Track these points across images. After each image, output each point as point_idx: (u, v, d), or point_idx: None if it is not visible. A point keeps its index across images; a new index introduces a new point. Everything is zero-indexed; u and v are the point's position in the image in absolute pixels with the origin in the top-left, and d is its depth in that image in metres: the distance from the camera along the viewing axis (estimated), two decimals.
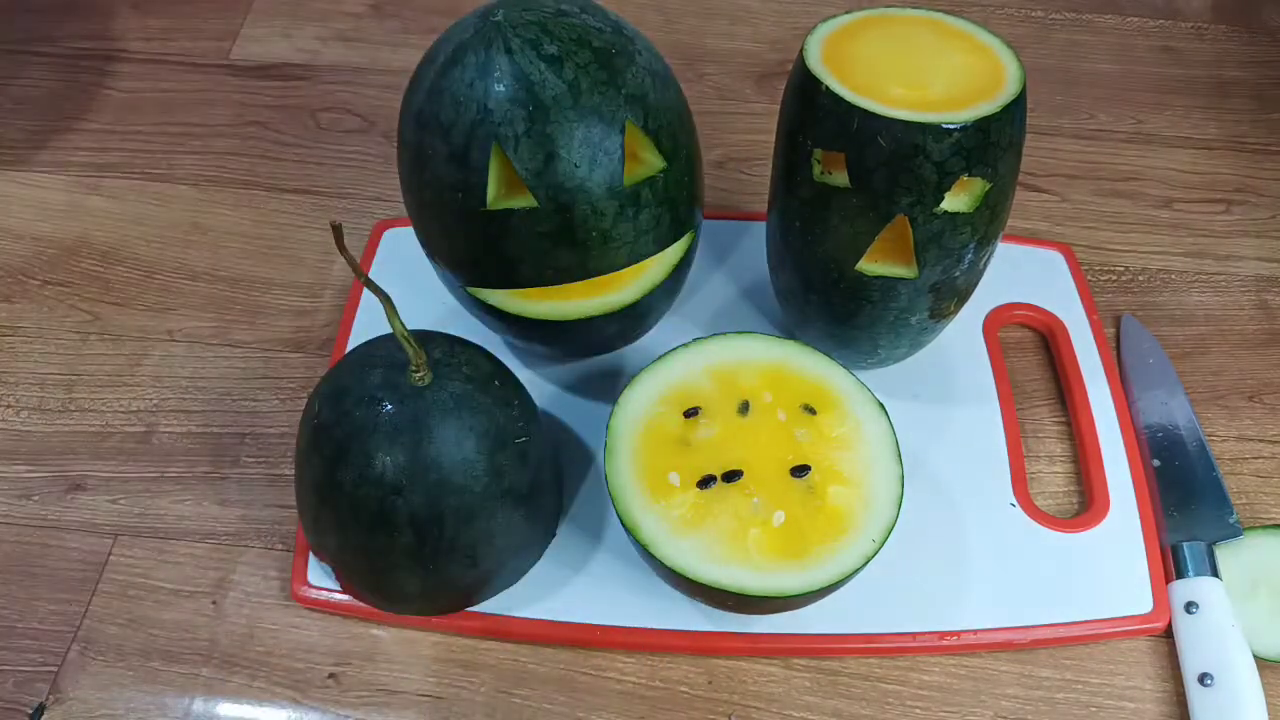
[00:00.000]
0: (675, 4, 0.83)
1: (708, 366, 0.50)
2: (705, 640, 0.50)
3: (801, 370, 0.50)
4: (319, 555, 0.50)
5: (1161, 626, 0.51)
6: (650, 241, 0.49)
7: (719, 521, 0.45)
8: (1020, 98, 0.45)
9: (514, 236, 0.47)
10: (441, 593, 0.48)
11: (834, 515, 0.46)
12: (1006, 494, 0.54)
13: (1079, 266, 0.64)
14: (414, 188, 0.49)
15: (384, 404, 0.44)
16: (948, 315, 0.53)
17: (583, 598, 0.51)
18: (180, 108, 0.75)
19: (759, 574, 0.44)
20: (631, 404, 0.49)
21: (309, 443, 0.46)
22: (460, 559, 0.46)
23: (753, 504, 0.46)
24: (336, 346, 0.60)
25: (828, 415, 0.49)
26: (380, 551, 0.46)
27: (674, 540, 0.45)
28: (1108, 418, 0.57)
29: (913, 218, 0.46)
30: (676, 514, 0.46)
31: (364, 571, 0.48)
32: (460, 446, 0.44)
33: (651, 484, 0.46)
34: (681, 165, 0.50)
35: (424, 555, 0.45)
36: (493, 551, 0.47)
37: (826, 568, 0.44)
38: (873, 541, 0.45)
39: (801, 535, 0.45)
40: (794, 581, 0.44)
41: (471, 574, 0.48)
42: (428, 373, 0.44)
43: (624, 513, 0.46)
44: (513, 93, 0.45)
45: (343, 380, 0.46)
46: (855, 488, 0.46)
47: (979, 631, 0.50)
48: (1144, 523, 0.53)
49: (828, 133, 0.46)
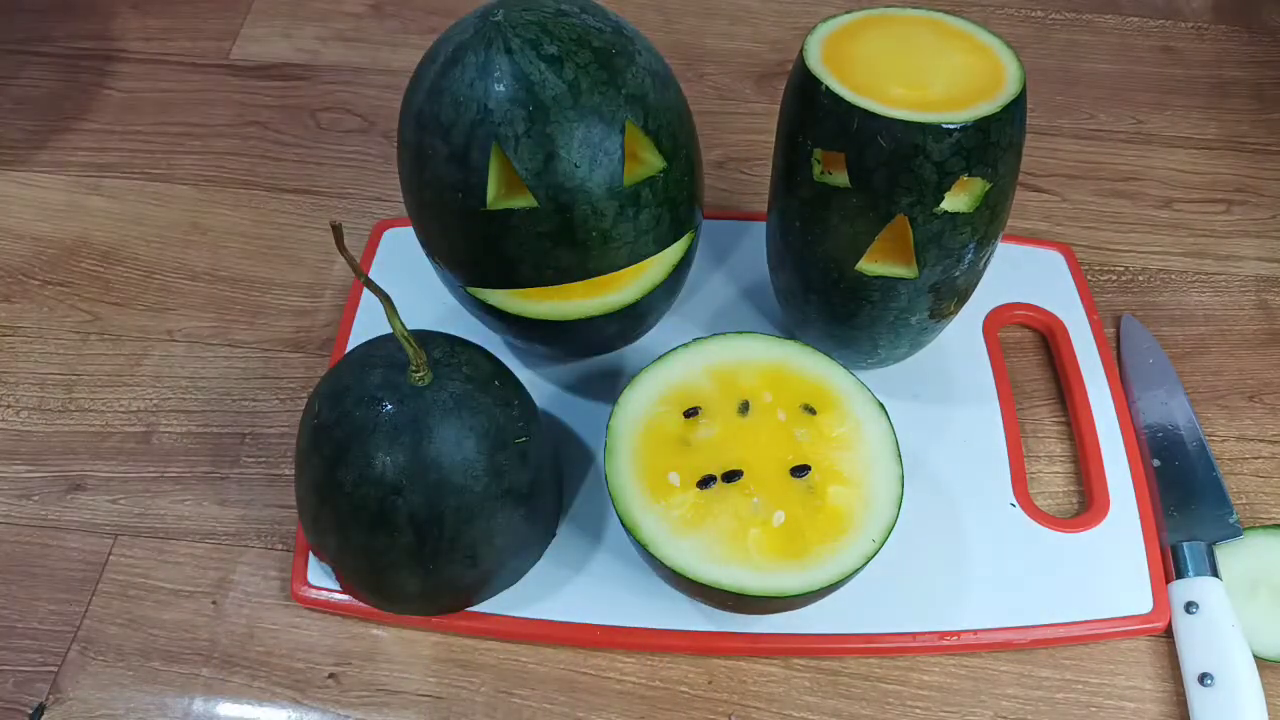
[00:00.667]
0: (675, 4, 0.83)
1: (707, 366, 0.50)
2: (705, 640, 0.50)
3: (801, 370, 0.50)
4: (319, 555, 0.50)
5: (1162, 626, 0.51)
6: (650, 241, 0.49)
7: (719, 521, 0.45)
8: (1020, 98, 0.45)
9: (514, 236, 0.47)
10: (442, 593, 0.48)
11: (834, 515, 0.46)
12: (1006, 494, 0.54)
13: (1079, 266, 0.64)
14: (414, 188, 0.49)
15: (384, 404, 0.44)
16: (948, 315, 0.53)
17: (583, 598, 0.51)
18: (180, 108, 0.75)
19: (759, 574, 0.44)
20: (631, 404, 0.49)
21: (309, 443, 0.46)
22: (460, 559, 0.46)
23: (753, 504, 0.46)
24: (336, 346, 0.60)
25: (828, 415, 0.49)
26: (380, 551, 0.46)
27: (674, 540, 0.45)
28: (1108, 418, 0.57)
29: (913, 218, 0.46)
30: (676, 514, 0.46)
31: (364, 572, 0.48)
32: (460, 446, 0.44)
33: (651, 484, 0.46)
34: (681, 165, 0.50)
35: (424, 555, 0.45)
36: (493, 551, 0.47)
37: (826, 568, 0.44)
38: (873, 541, 0.45)
39: (801, 535, 0.45)
40: (794, 581, 0.44)
41: (471, 574, 0.48)
42: (428, 372, 0.44)
43: (624, 513, 0.46)
44: (513, 93, 0.45)
45: (343, 380, 0.46)
46: (855, 488, 0.46)
47: (979, 631, 0.50)
48: (1144, 523, 0.53)
49: (828, 133, 0.46)
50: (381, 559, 0.46)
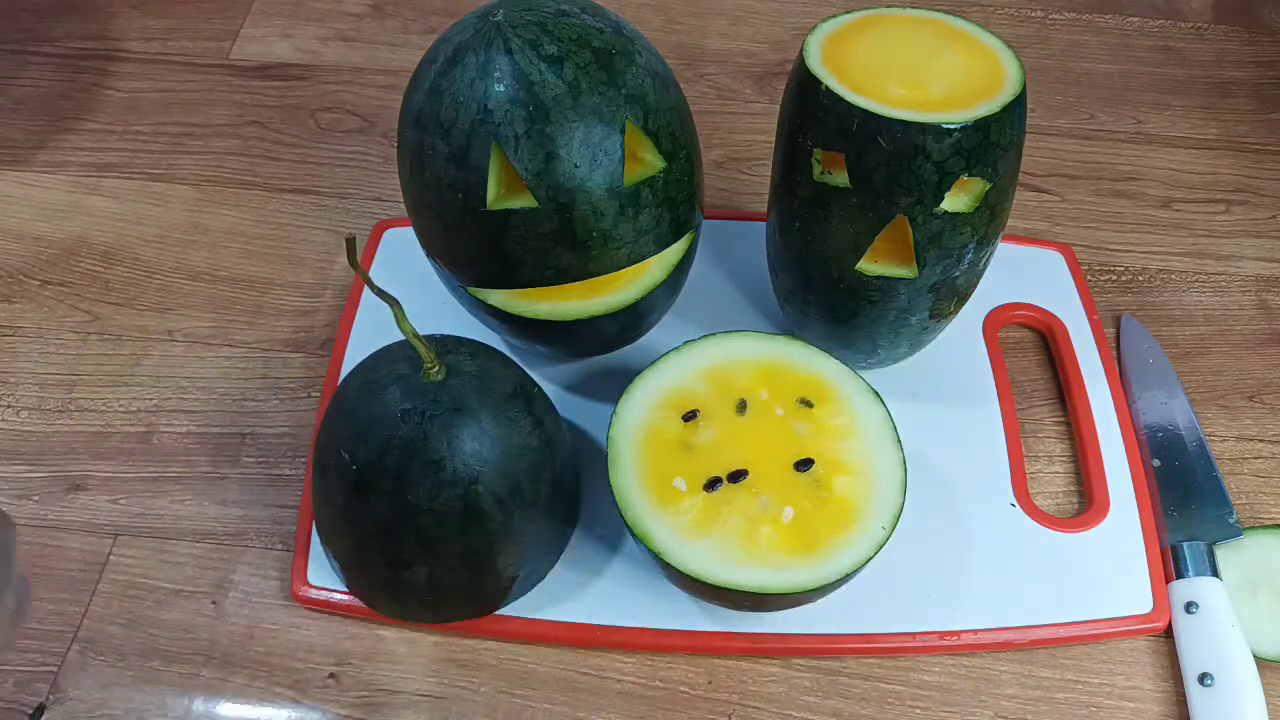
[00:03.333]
0: (675, 4, 0.83)
1: (700, 369, 0.50)
2: (705, 640, 0.50)
3: (794, 364, 0.50)
4: (357, 593, 0.50)
5: (1162, 626, 0.51)
6: (650, 241, 0.49)
7: (729, 523, 0.45)
8: (1020, 98, 0.45)
9: (514, 237, 0.47)
10: (477, 600, 0.49)
11: (842, 506, 0.46)
12: (1006, 494, 0.54)
13: (1079, 266, 0.64)
14: (414, 188, 0.49)
15: (416, 410, 0.43)
16: (948, 315, 0.53)
17: (583, 598, 0.51)
18: (180, 108, 0.75)
19: (775, 571, 0.44)
20: (629, 412, 0.49)
21: (353, 489, 0.44)
22: (494, 568, 0.47)
23: (760, 502, 0.46)
24: (336, 347, 0.60)
25: (825, 407, 0.49)
26: (457, 555, 0.45)
27: (687, 545, 0.45)
28: (1107, 418, 0.57)
29: (913, 218, 0.46)
30: (686, 519, 0.45)
31: (412, 605, 0.48)
32: (499, 424, 0.44)
33: (658, 491, 0.46)
34: (681, 165, 0.50)
35: (501, 543, 0.45)
36: (522, 557, 0.47)
37: (840, 559, 0.44)
38: (883, 529, 0.45)
39: (812, 529, 0.45)
40: (810, 575, 0.44)
41: (503, 581, 0.48)
42: (441, 368, 0.44)
43: (633, 522, 0.45)
44: (513, 93, 0.45)
45: (360, 414, 0.44)
46: (860, 477, 0.47)
47: (979, 631, 0.50)
48: (1144, 523, 0.53)
49: (828, 133, 0.46)
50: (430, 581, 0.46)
